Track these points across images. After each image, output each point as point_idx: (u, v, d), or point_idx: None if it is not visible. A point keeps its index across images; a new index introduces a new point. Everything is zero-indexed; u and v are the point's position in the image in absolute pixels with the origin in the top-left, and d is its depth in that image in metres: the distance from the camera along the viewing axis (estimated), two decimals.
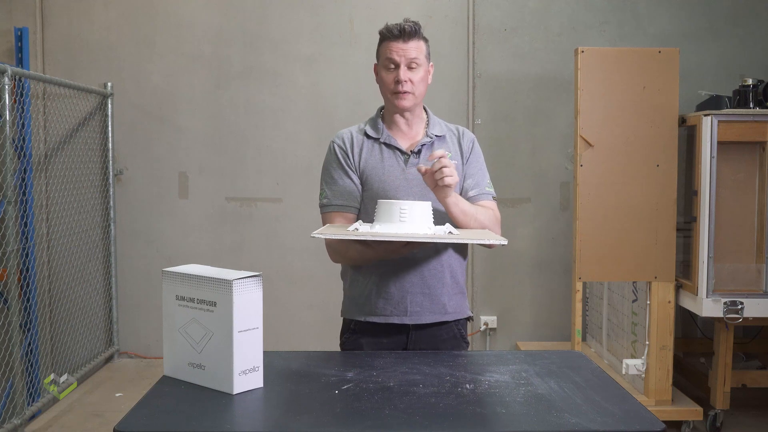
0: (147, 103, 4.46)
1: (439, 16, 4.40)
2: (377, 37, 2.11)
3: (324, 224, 2.11)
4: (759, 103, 3.50)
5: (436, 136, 2.12)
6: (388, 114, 2.15)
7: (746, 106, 3.50)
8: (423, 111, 2.18)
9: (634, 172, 3.42)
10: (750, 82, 3.50)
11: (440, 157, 1.89)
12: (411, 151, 2.11)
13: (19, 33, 4.12)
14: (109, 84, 4.38)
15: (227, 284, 1.59)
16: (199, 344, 1.66)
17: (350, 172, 2.11)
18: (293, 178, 4.45)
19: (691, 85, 4.15)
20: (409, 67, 2.05)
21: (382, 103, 2.18)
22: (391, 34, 2.04)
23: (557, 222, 4.48)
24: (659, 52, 3.41)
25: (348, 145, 2.13)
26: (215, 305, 1.62)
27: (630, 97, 3.41)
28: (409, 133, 2.14)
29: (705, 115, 3.32)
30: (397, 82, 2.04)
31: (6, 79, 3.26)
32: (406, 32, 2.02)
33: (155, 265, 4.41)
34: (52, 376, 3.61)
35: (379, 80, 2.11)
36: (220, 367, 1.63)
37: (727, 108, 3.52)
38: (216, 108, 4.46)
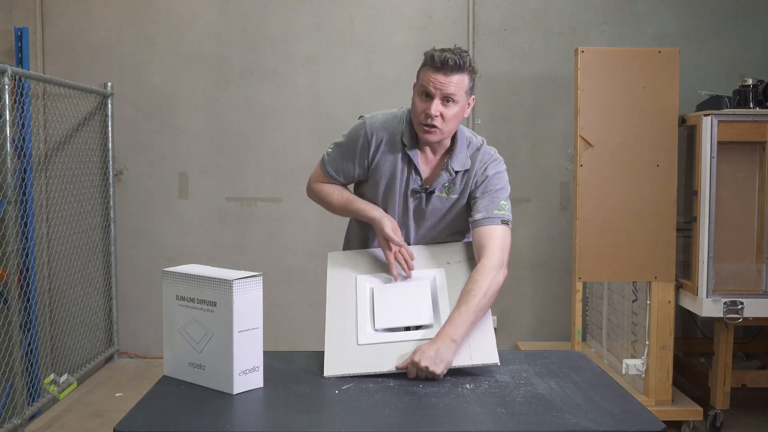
0: (147, 103, 4.46)
1: (439, 16, 4.40)
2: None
3: (316, 167, 2.18)
4: (759, 103, 3.49)
5: (456, 172, 2.04)
6: None
7: (746, 106, 3.49)
8: (450, 138, 2.07)
9: (634, 172, 3.42)
10: (750, 82, 3.50)
11: (415, 366, 1.72)
12: (425, 188, 2.05)
13: (19, 33, 4.11)
14: (109, 84, 4.38)
15: (227, 284, 1.59)
16: (199, 344, 1.66)
17: (357, 162, 2.08)
18: (293, 177, 4.45)
19: (691, 85, 4.15)
20: (444, 101, 1.93)
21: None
22: (433, 63, 1.91)
23: (557, 222, 4.48)
24: (659, 52, 3.41)
25: (375, 143, 2.05)
26: (215, 305, 1.62)
27: (630, 97, 3.40)
28: (431, 160, 2.08)
29: (705, 115, 3.32)
30: (427, 115, 1.94)
31: (6, 79, 3.26)
32: (449, 66, 1.89)
33: (155, 265, 4.41)
34: (52, 376, 3.61)
35: (412, 103, 2.00)
36: (220, 367, 1.63)
37: (727, 108, 3.51)
38: (216, 108, 4.46)
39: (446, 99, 1.92)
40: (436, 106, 1.92)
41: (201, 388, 1.66)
